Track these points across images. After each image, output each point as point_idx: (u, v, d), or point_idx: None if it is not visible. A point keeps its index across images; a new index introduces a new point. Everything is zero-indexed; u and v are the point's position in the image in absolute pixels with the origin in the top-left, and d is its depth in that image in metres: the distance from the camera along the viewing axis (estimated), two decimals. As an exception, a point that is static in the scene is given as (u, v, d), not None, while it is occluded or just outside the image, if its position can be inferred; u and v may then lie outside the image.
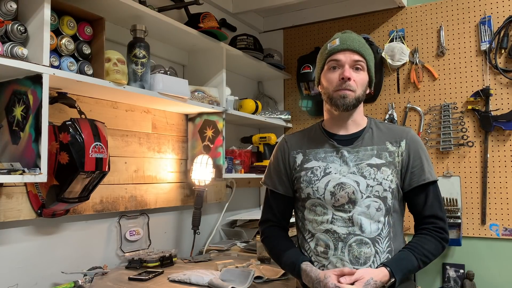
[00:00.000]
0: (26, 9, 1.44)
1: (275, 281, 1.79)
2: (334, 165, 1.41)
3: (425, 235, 1.39)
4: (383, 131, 1.45)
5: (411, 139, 1.42)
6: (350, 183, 1.37)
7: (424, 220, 1.41)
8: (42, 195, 1.63)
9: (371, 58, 1.42)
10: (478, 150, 2.56)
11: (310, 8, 3.06)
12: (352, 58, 1.37)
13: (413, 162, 1.40)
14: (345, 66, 1.36)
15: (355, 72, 1.37)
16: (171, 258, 2.06)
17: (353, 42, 1.38)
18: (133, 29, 1.84)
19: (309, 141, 1.49)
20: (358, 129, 1.45)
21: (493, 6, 2.55)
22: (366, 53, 1.39)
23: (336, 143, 1.43)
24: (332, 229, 1.37)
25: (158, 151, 2.26)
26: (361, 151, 1.40)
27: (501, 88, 2.51)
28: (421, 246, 1.36)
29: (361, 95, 1.39)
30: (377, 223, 1.36)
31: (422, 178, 1.39)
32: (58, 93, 1.68)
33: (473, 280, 2.50)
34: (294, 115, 3.11)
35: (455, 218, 2.55)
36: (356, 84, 1.37)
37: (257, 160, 2.78)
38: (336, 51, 1.38)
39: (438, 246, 1.37)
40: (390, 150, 1.40)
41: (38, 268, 1.70)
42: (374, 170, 1.37)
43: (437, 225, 1.39)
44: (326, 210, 1.39)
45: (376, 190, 1.36)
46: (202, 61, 2.45)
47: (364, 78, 1.40)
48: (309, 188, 1.41)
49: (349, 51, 1.37)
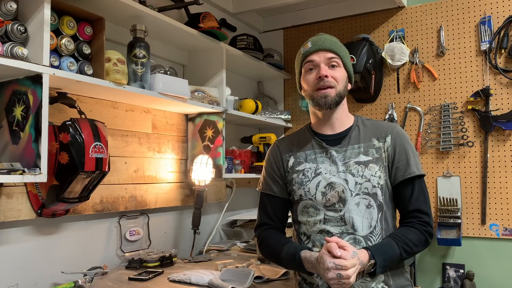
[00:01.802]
0: (26, 9, 1.44)
1: (275, 281, 1.79)
2: (324, 166, 1.42)
3: (408, 227, 1.39)
4: (369, 128, 1.46)
5: (396, 133, 1.43)
6: (340, 182, 1.38)
7: (408, 215, 1.40)
8: (42, 195, 1.63)
9: (346, 55, 1.44)
10: (478, 150, 2.56)
11: (310, 8, 3.06)
12: (326, 57, 1.40)
13: (398, 156, 1.40)
14: (320, 65, 1.40)
15: (332, 70, 1.41)
16: (171, 258, 2.06)
17: (324, 42, 1.42)
18: (133, 29, 1.84)
19: (299, 144, 1.51)
20: (345, 128, 1.47)
21: (493, 6, 2.55)
22: (339, 50, 1.42)
23: (324, 144, 1.45)
24: (326, 229, 1.38)
25: (158, 151, 2.26)
26: (349, 150, 1.42)
27: (501, 88, 2.51)
28: (404, 236, 1.35)
29: (342, 91, 1.42)
30: (369, 220, 1.36)
31: (407, 172, 1.39)
32: (58, 93, 1.68)
33: (473, 280, 2.50)
34: (294, 115, 3.12)
35: (455, 218, 2.55)
36: (335, 80, 1.40)
37: (257, 160, 2.78)
38: (309, 53, 1.42)
39: (421, 238, 1.36)
40: (376, 146, 1.42)
41: (38, 268, 1.70)
42: (362, 167, 1.38)
43: (422, 219, 1.38)
44: (318, 210, 1.40)
45: (365, 187, 1.37)
46: (202, 61, 2.45)
47: (342, 74, 1.42)
48: (301, 190, 1.43)
49: (322, 50, 1.41)
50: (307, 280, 1.42)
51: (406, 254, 1.35)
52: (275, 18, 3.20)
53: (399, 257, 1.34)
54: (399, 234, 1.36)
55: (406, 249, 1.34)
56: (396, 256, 1.33)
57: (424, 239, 1.37)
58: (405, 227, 1.39)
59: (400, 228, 1.41)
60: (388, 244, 1.34)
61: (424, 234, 1.37)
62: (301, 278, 1.45)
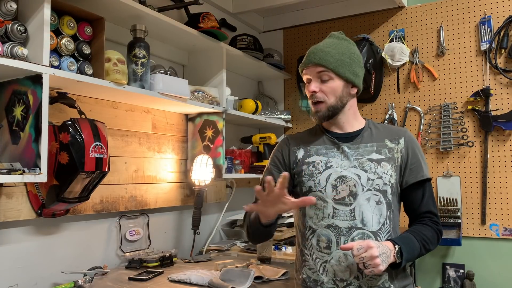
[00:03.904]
0: (26, 9, 1.44)
1: (275, 281, 1.79)
2: (335, 160, 1.44)
3: (423, 224, 1.42)
4: (381, 130, 1.50)
5: (409, 137, 1.48)
6: (351, 176, 1.40)
7: (420, 216, 1.45)
8: (42, 195, 1.63)
9: (341, 63, 1.41)
10: (478, 150, 2.56)
11: (310, 8, 3.06)
12: (315, 71, 1.42)
13: (411, 159, 1.44)
14: (311, 81, 1.44)
15: (322, 84, 1.42)
16: (171, 258, 2.06)
17: (315, 56, 1.42)
18: (133, 29, 1.84)
19: (310, 139, 1.53)
20: (355, 129, 1.49)
21: (493, 6, 2.55)
22: (329, 62, 1.40)
23: (336, 140, 1.47)
24: (334, 223, 1.39)
25: (158, 151, 2.26)
26: (361, 148, 1.45)
27: (501, 88, 2.51)
28: (420, 232, 1.39)
29: (334, 103, 1.43)
30: (379, 217, 1.38)
31: (420, 174, 1.43)
32: (58, 93, 1.68)
33: (473, 280, 2.51)
34: (294, 115, 3.12)
35: (455, 218, 2.55)
36: (325, 94, 1.42)
37: (257, 160, 2.78)
38: (303, 67, 1.47)
39: (435, 235, 1.41)
40: (389, 146, 1.45)
41: (38, 268, 1.70)
42: (375, 164, 1.41)
43: (432, 219, 1.43)
44: (327, 203, 1.40)
45: (377, 184, 1.39)
46: (202, 61, 2.45)
47: (334, 86, 1.42)
48: (311, 181, 1.44)
49: (312, 65, 1.43)
50: (311, 278, 1.42)
51: (424, 250, 1.38)
52: (275, 18, 3.20)
53: (419, 251, 1.36)
54: (416, 230, 1.39)
55: (424, 244, 1.37)
56: (416, 250, 1.35)
57: (436, 237, 1.41)
58: (420, 225, 1.42)
59: (415, 225, 1.43)
60: (407, 237, 1.36)
61: (437, 232, 1.41)
62: (306, 275, 1.44)
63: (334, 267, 1.37)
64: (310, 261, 1.42)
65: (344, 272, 1.36)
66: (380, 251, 1.24)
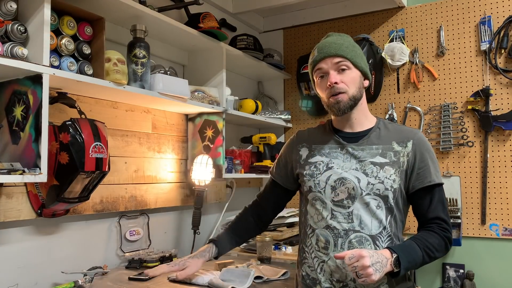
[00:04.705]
0: (26, 9, 1.44)
1: (275, 281, 1.79)
2: (337, 161, 1.43)
3: (429, 231, 1.38)
4: (390, 131, 1.45)
5: (418, 140, 1.42)
6: (351, 179, 1.38)
7: (427, 222, 1.40)
8: (42, 195, 1.63)
9: (355, 54, 1.41)
10: (478, 150, 2.56)
11: (310, 8, 3.06)
12: (333, 62, 1.39)
13: (419, 163, 1.39)
14: (329, 73, 1.39)
15: (341, 74, 1.39)
16: (171, 258, 2.06)
17: (329, 48, 1.40)
18: (133, 29, 1.84)
19: (317, 137, 1.52)
20: (364, 128, 1.46)
21: (493, 6, 2.55)
22: (346, 52, 1.39)
23: (341, 140, 1.45)
24: (332, 225, 1.38)
25: (158, 151, 2.26)
26: (366, 149, 1.41)
27: (501, 88, 2.52)
28: (424, 239, 1.34)
29: (356, 93, 1.40)
30: (378, 221, 1.36)
31: (427, 180, 1.38)
32: (58, 93, 1.68)
33: (473, 280, 2.51)
34: (294, 115, 3.11)
35: (455, 218, 2.55)
36: (346, 84, 1.39)
37: (257, 160, 2.78)
38: (317, 61, 1.42)
39: (442, 243, 1.36)
40: (395, 150, 1.40)
41: (38, 268, 1.70)
42: (377, 168, 1.37)
43: (441, 226, 1.38)
44: (325, 204, 1.40)
45: (377, 189, 1.36)
46: (202, 61, 2.45)
47: (354, 75, 1.40)
48: (311, 182, 1.44)
49: (328, 57, 1.39)
50: (310, 276, 1.42)
51: (428, 258, 1.33)
52: (275, 18, 3.20)
53: (422, 260, 1.32)
54: (420, 237, 1.35)
55: (428, 252, 1.33)
56: (418, 258, 1.31)
57: (444, 244, 1.36)
58: (425, 231, 1.38)
59: (419, 232, 1.39)
60: (409, 246, 1.32)
61: (444, 240, 1.36)
62: (305, 273, 1.45)
63: (331, 267, 1.37)
64: (309, 260, 1.43)
65: (341, 274, 1.35)
66: (374, 260, 1.21)
